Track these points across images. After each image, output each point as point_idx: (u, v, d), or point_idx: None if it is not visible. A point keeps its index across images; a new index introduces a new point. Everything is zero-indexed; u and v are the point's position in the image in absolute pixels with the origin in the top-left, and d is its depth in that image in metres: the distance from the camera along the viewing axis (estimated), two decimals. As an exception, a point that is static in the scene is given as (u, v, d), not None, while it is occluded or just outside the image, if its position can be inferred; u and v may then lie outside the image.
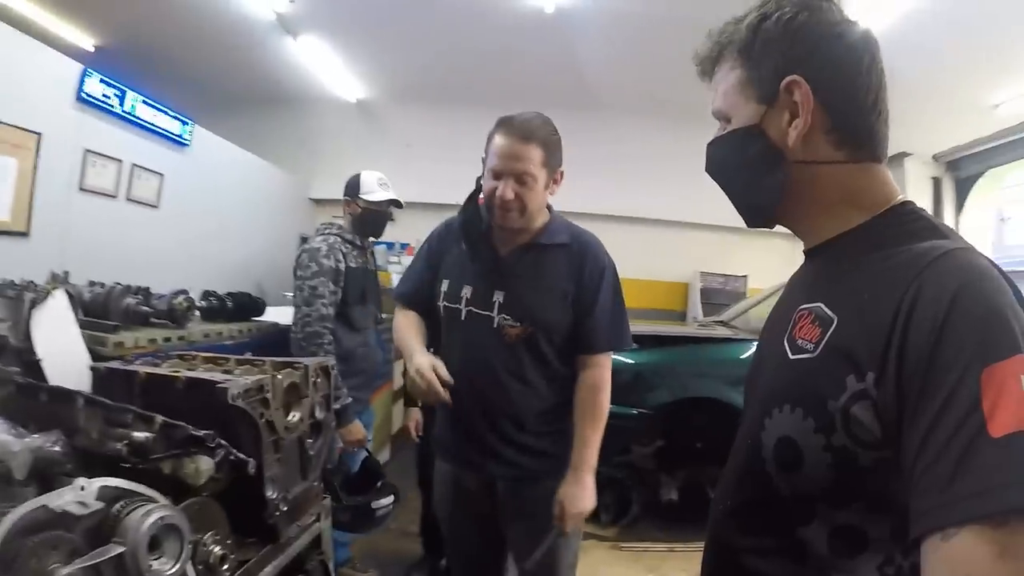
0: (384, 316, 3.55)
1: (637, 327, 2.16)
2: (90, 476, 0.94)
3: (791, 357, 0.85)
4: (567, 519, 1.80)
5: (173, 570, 0.88)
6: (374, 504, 2.44)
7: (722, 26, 0.96)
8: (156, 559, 0.87)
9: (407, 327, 1.97)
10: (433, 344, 3.01)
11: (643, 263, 7.77)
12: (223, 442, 1.07)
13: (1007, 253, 7.78)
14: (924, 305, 0.68)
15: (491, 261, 1.88)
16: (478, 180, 1.88)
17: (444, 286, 1.93)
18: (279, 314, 3.24)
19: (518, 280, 1.84)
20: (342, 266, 2.81)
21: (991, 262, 0.73)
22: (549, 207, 1.93)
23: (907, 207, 0.87)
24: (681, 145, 7.87)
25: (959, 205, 7.30)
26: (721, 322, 5.13)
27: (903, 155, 6.96)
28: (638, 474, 4.16)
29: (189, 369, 1.40)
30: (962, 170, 7.19)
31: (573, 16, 5.23)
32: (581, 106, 7.06)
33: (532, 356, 1.83)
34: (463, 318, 1.88)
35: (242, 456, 1.12)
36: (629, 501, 4.12)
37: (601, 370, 1.87)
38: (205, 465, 1.06)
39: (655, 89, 6.61)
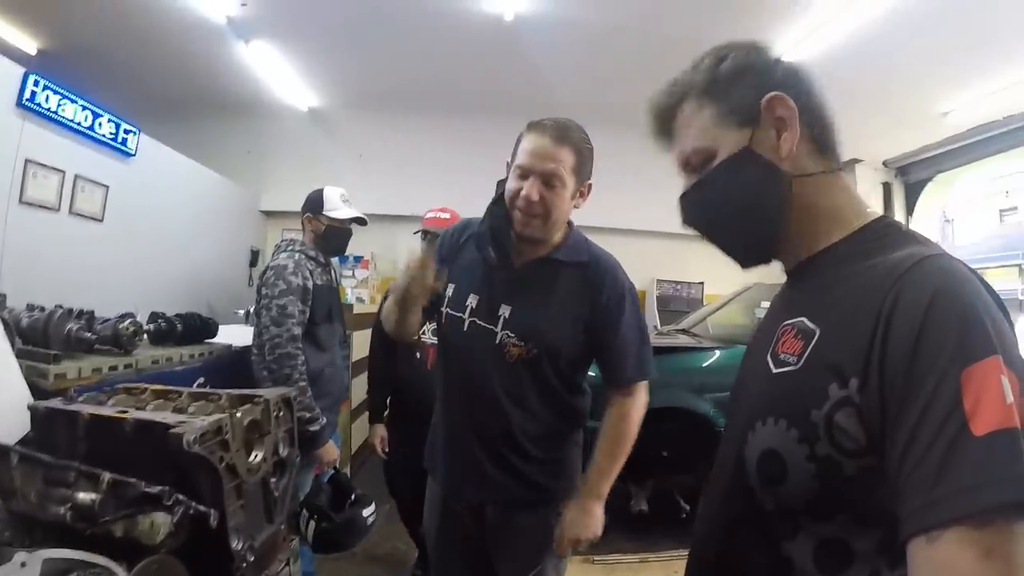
0: (348, 333, 3.45)
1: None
2: (31, 545, 0.83)
3: (774, 371, 0.86)
4: (563, 543, 1.74)
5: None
6: (365, 513, 2.41)
7: (670, 83, 0.99)
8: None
9: None
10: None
11: (599, 271, 7.75)
12: (181, 497, 0.97)
13: (954, 254, 8.09)
14: (903, 309, 0.70)
15: (503, 272, 1.77)
16: (499, 183, 1.77)
17: (449, 291, 1.83)
18: (231, 333, 3.09)
19: (527, 296, 1.74)
20: (310, 284, 2.69)
21: (967, 267, 0.75)
22: (569, 222, 1.83)
23: (883, 220, 0.89)
24: (634, 154, 7.88)
25: (909, 209, 7.54)
26: (682, 330, 5.14)
27: (854, 161, 7.16)
28: (606, 486, 4.12)
29: (138, 406, 1.29)
30: (911, 175, 7.46)
31: (532, 25, 5.17)
32: (536, 114, 6.94)
33: (533, 378, 1.73)
34: (465, 329, 1.77)
35: (202, 508, 1.02)
36: (598, 514, 4.07)
37: (631, 398, 1.80)
38: (161, 520, 0.96)
39: (611, 99, 6.56)
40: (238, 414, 1.18)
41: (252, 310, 3.96)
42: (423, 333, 2.97)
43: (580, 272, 1.76)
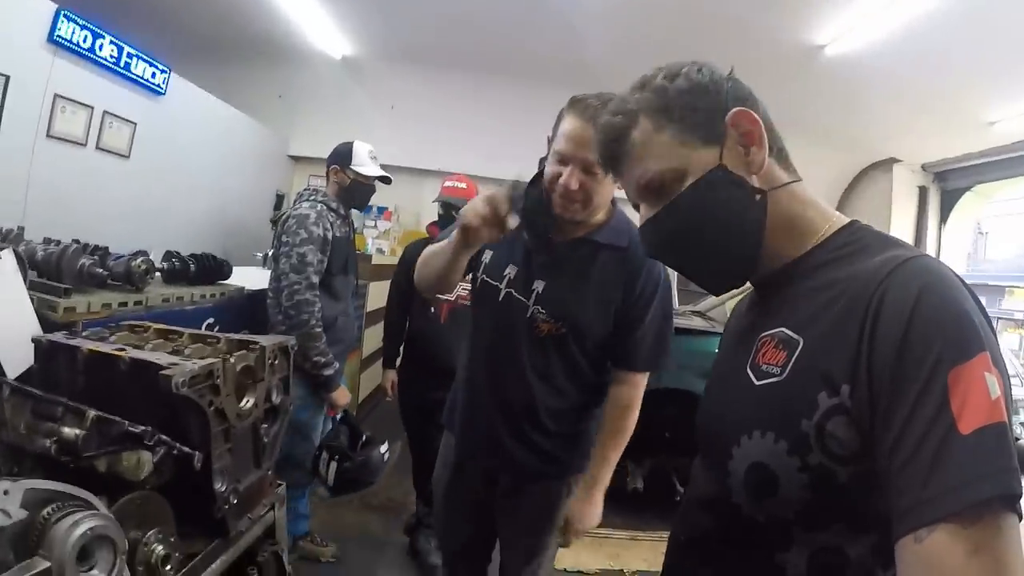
0: (363, 284, 3.52)
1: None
2: (19, 472, 0.86)
3: (757, 383, 0.84)
4: (572, 534, 1.79)
5: (104, 584, 0.81)
6: (381, 450, 2.55)
7: (616, 104, 0.93)
8: (87, 571, 0.80)
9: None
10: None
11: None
12: (163, 437, 0.99)
13: (981, 268, 7.90)
14: (888, 308, 0.69)
15: (540, 247, 1.74)
16: (541, 161, 1.71)
17: (487, 257, 1.79)
18: (245, 276, 3.14)
19: (562, 274, 1.70)
20: (330, 235, 2.75)
21: (951, 270, 0.74)
22: (614, 201, 1.77)
23: (855, 224, 0.88)
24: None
25: (943, 217, 7.29)
26: (698, 312, 5.10)
27: (892, 160, 6.95)
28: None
29: (138, 344, 1.32)
30: (950, 182, 7.22)
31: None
32: (573, 81, 6.81)
33: (560, 356, 1.71)
34: (500, 299, 1.74)
35: (186, 449, 1.04)
36: (594, 485, 4.09)
37: (635, 389, 1.78)
38: (147, 457, 0.99)
39: (646, 69, 6.40)
40: (231, 359, 1.20)
41: (270, 254, 4.02)
42: None
43: (618, 256, 1.70)
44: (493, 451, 1.78)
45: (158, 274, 2.36)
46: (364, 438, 2.65)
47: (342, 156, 2.91)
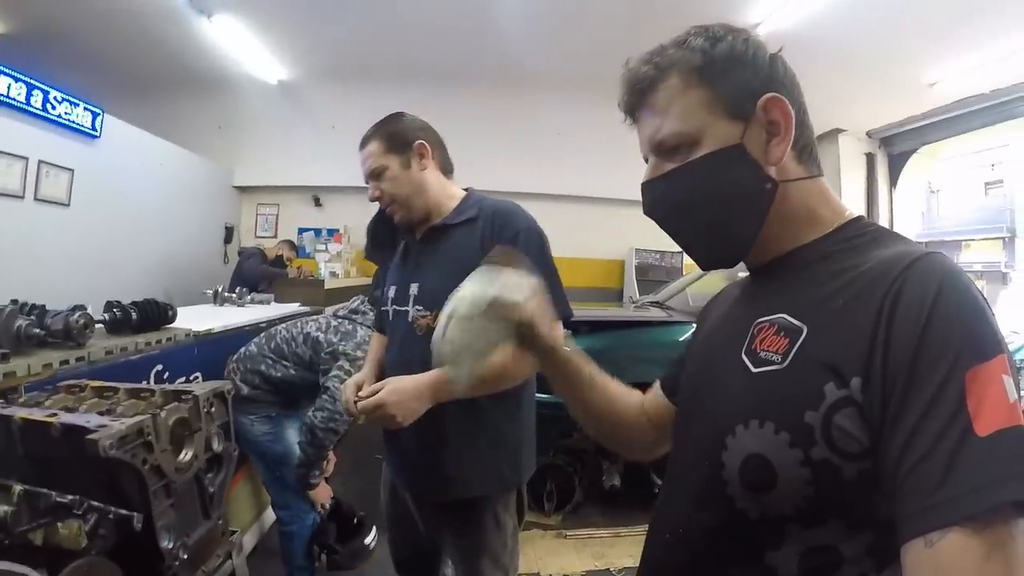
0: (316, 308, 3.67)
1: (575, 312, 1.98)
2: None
3: (755, 371, 0.80)
4: (369, 403, 1.56)
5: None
6: (367, 540, 2.82)
7: (651, 53, 0.88)
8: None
9: (372, 352, 2.01)
10: None
11: (577, 241, 7.80)
12: (94, 504, 0.98)
13: (936, 225, 8.08)
14: (907, 302, 0.67)
15: (406, 254, 1.84)
16: None
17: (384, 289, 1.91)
18: (191, 317, 3.08)
19: (428, 267, 1.75)
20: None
21: (960, 267, 0.72)
22: (468, 190, 1.84)
23: (862, 219, 0.86)
24: (610, 121, 7.83)
25: (892, 181, 7.44)
26: (656, 303, 5.11)
27: (837, 131, 7.08)
28: (579, 460, 4.14)
29: (73, 406, 1.30)
30: (896, 146, 7.38)
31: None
32: (508, 83, 7.04)
33: None
34: (390, 318, 1.81)
35: (123, 512, 1.03)
36: (572, 488, 4.09)
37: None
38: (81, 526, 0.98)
39: (582, 66, 6.41)
40: (162, 414, 1.19)
41: (220, 289, 3.98)
42: None
43: (471, 227, 1.72)
44: (409, 472, 1.78)
45: (100, 326, 2.31)
46: (356, 520, 2.83)
47: None
